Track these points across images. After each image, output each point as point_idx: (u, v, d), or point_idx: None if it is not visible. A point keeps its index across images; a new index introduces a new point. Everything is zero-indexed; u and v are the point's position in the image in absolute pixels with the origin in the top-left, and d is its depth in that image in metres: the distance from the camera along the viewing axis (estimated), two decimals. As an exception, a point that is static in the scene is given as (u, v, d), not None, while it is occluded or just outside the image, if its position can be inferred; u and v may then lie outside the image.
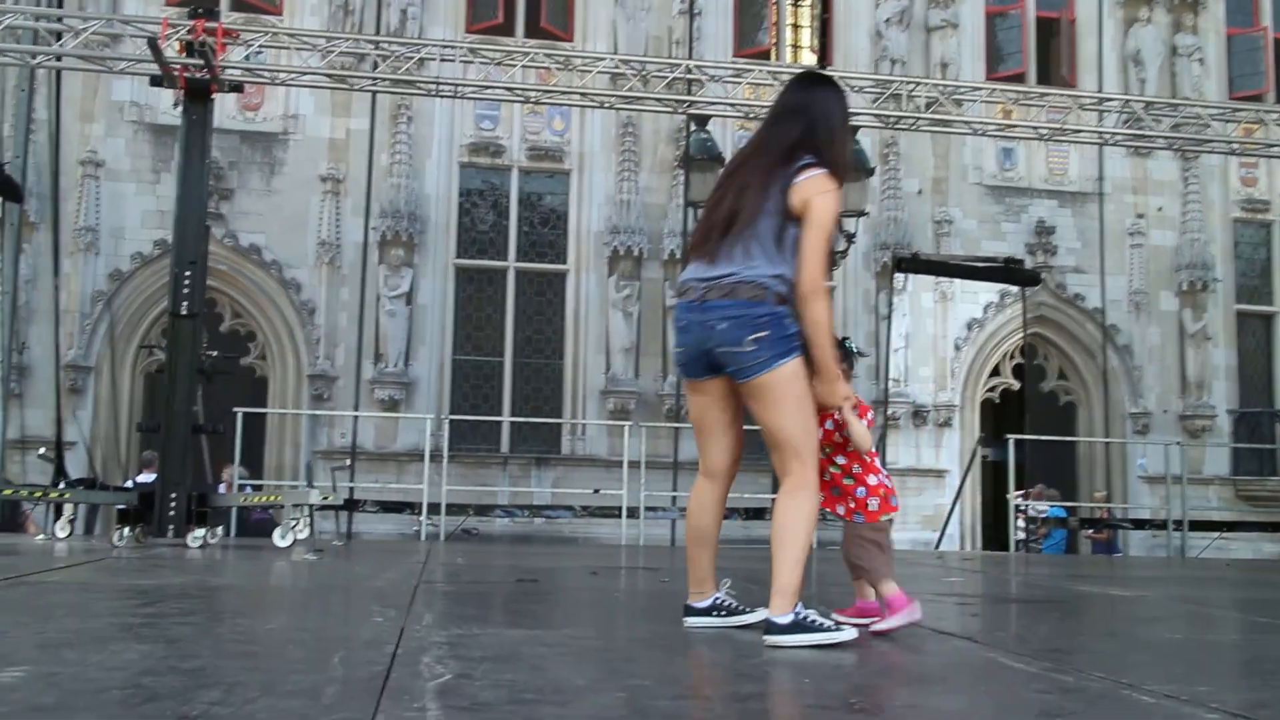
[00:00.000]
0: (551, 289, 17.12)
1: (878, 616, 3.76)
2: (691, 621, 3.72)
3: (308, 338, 16.18)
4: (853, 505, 3.85)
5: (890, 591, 3.73)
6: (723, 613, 3.70)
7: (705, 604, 3.73)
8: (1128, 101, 11.81)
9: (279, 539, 8.15)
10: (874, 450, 3.92)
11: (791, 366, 3.43)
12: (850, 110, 3.91)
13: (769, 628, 3.36)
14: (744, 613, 3.71)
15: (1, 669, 2.66)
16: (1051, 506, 14.03)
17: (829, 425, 3.79)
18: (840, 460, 3.84)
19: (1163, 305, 18.31)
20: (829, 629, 3.39)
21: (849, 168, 3.89)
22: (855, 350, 4.18)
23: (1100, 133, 11.77)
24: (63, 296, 13.55)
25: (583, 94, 11.03)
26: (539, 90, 11.63)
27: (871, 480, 3.86)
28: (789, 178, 3.47)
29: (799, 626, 3.33)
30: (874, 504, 3.84)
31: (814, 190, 3.44)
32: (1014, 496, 12.49)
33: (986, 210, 18.06)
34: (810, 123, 3.57)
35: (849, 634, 3.40)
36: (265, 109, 16.40)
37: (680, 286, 3.61)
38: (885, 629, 3.68)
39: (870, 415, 3.91)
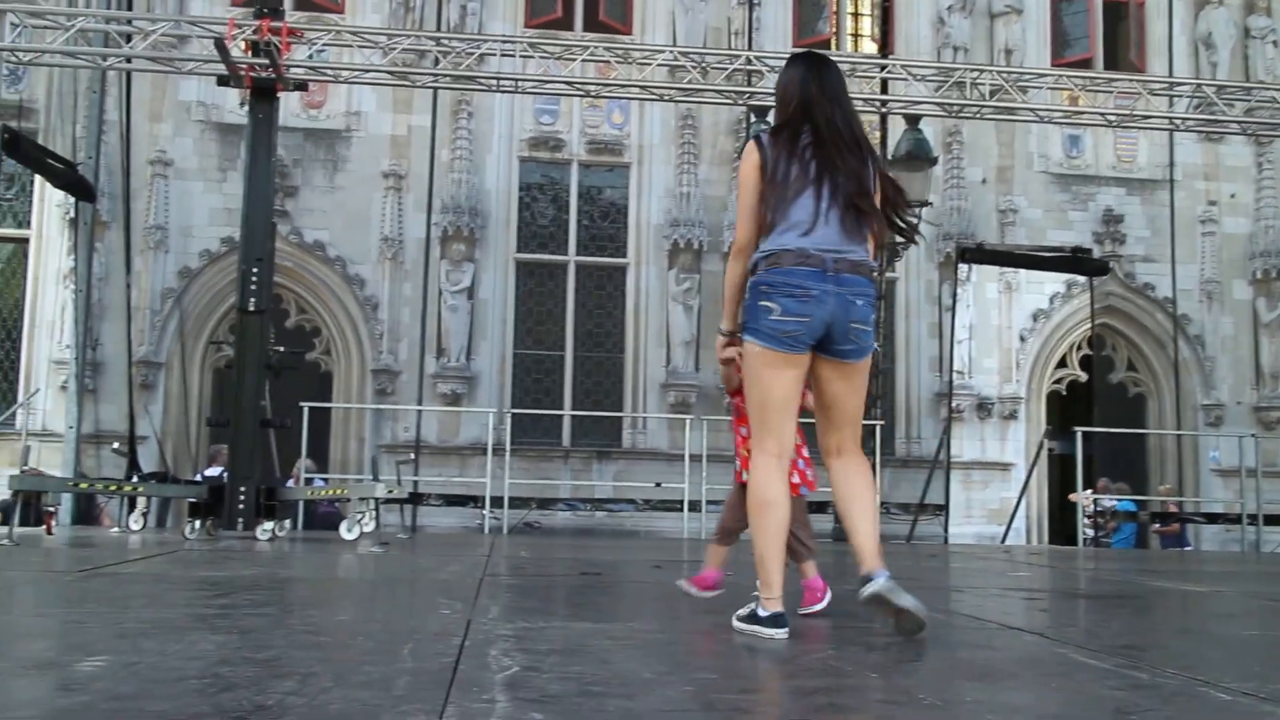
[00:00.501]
0: (611, 283, 17.15)
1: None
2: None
3: (371, 333, 16.37)
4: (796, 480, 3.97)
5: (812, 574, 4.06)
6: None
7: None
8: (1199, 86, 11.54)
9: (346, 532, 8.27)
10: None
11: None
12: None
13: (872, 575, 3.38)
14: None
15: (83, 658, 2.72)
16: (1120, 500, 13.79)
17: None
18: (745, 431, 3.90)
19: (1236, 294, 17.90)
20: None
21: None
22: None
23: (1171, 118, 11.52)
24: (134, 294, 13.83)
25: (642, 87, 11.02)
26: (598, 84, 11.64)
27: (805, 452, 4.07)
28: (874, 169, 3.54)
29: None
30: (811, 474, 4.10)
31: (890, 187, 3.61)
32: (1080, 496, 12.29)
33: (1053, 199, 17.77)
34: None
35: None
36: (328, 106, 16.60)
37: (800, 254, 3.39)
38: (816, 610, 3.93)
39: None
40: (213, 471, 10.60)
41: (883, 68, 11.42)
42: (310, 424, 11.12)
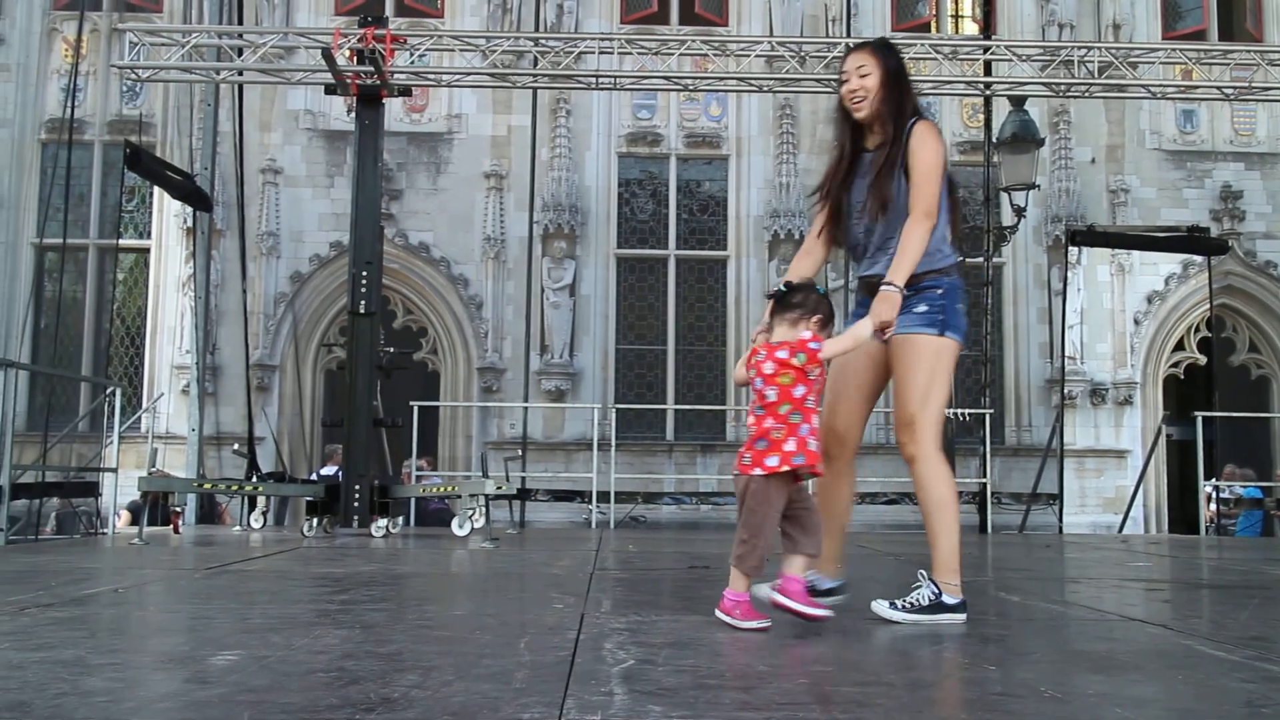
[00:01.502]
0: (712, 276, 17.14)
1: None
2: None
3: (476, 331, 16.62)
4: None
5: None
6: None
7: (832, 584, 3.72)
8: (1321, 54, 11.06)
9: (457, 528, 8.42)
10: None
11: None
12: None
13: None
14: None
15: (216, 652, 2.84)
16: (1246, 487, 13.33)
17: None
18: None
19: (1362, 270, 17.16)
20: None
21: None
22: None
23: (1291, 89, 11.07)
24: (249, 299, 14.25)
25: (740, 79, 10.98)
26: (695, 77, 11.63)
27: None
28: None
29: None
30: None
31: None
32: (1207, 486, 11.90)
33: (1166, 176, 17.22)
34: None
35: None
36: (430, 110, 16.89)
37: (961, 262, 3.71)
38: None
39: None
40: (328, 471, 10.88)
41: (986, 49, 11.19)
42: (419, 422, 11.33)
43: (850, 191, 3.74)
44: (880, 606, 3.54)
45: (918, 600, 3.54)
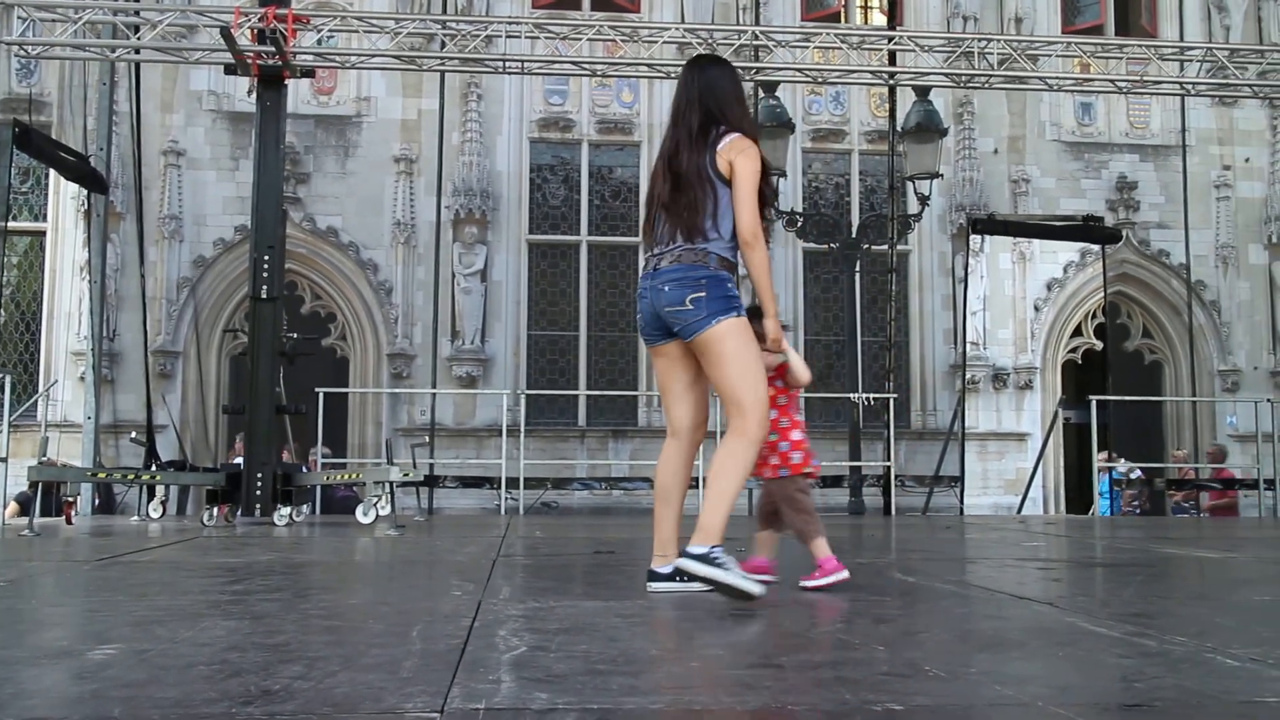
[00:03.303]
0: (624, 262, 17.14)
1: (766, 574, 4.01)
2: (654, 587, 3.83)
3: (386, 317, 16.43)
4: (776, 461, 4.06)
5: (823, 552, 3.99)
6: (685, 578, 3.69)
7: (667, 569, 3.82)
8: (1211, 50, 11.41)
9: (362, 516, 8.31)
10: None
11: (729, 323, 3.72)
12: (742, 78, 4.33)
13: (680, 553, 3.66)
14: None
15: (96, 646, 2.76)
16: (1134, 469, 13.72)
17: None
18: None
19: (1251, 259, 17.80)
20: (737, 574, 3.56)
21: (755, 128, 4.17)
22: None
23: (1182, 83, 11.40)
24: (149, 284, 13.91)
25: (650, 65, 10.97)
26: (605, 63, 11.60)
27: (795, 435, 4.10)
28: (711, 149, 3.79)
29: (708, 561, 3.56)
30: (797, 457, 4.08)
31: (734, 151, 3.77)
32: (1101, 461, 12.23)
33: (1065, 167, 17.67)
34: (708, 102, 3.88)
35: (755, 588, 3.54)
36: (338, 92, 16.62)
37: (645, 264, 3.95)
38: (815, 586, 3.92)
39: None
40: (239, 461, 10.68)
41: (890, 39, 11.34)
42: (326, 409, 11.17)
43: None
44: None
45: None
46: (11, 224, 15.47)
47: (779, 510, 4.12)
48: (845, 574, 3.97)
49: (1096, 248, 15.93)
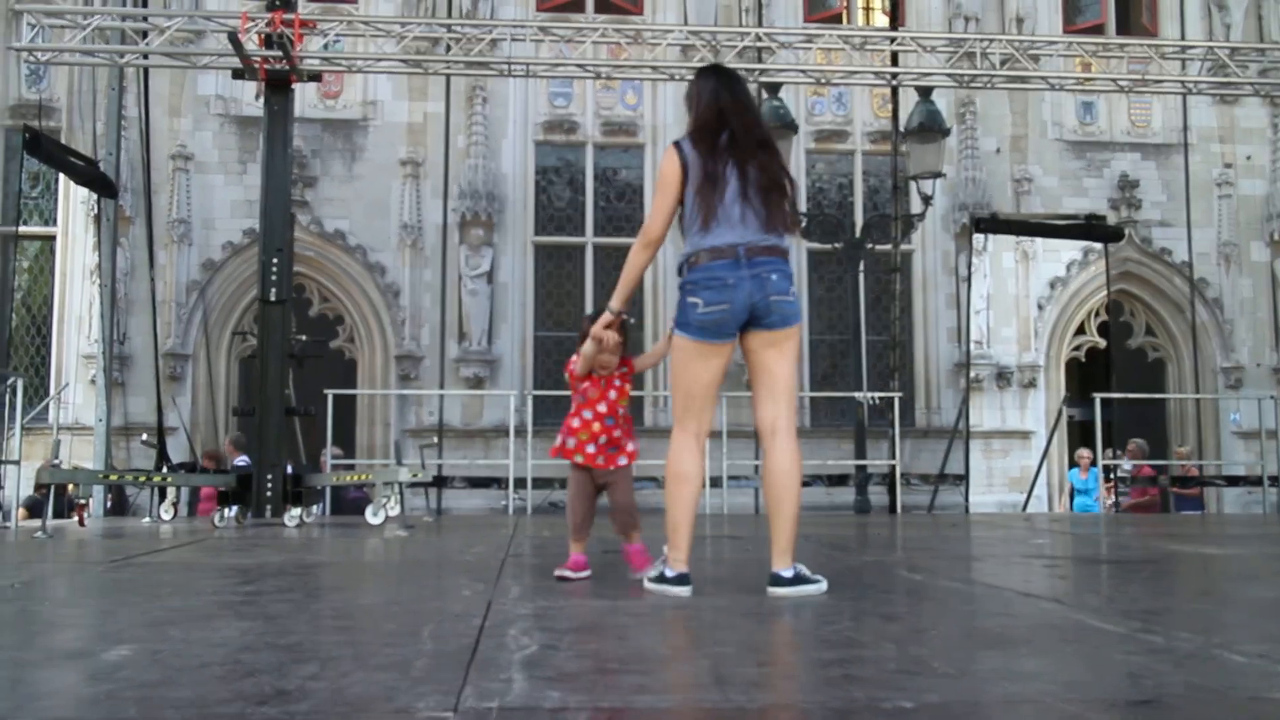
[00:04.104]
0: (629, 262, 17.13)
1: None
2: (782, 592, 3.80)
3: (393, 319, 16.47)
4: (632, 449, 4.35)
5: (638, 543, 4.28)
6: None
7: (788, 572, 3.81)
8: (1212, 48, 11.41)
9: (371, 516, 8.35)
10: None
11: None
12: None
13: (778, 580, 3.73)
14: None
15: (111, 647, 2.79)
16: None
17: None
18: (621, 411, 4.28)
19: (1254, 256, 17.80)
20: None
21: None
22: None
23: (1183, 82, 11.41)
24: (159, 287, 13.95)
25: (654, 67, 11.01)
26: (610, 65, 11.63)
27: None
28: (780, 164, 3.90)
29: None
30: (632, 445, 4.35)
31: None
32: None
33: (1067, 166, 17.67)
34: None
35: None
36: (345, 96, 16.66)
37: (714, 250, 3.77)
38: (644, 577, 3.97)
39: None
40: (241, 461, 10.72)
41: (892, 40, 11.36)
42: (335, 411, 11.21)
43: None
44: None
45: (657, 570, 3.91)
46: (22, 229, 15.57)
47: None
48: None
49: (1099, 246, 15.94)
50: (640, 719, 2.06)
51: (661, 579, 3.81)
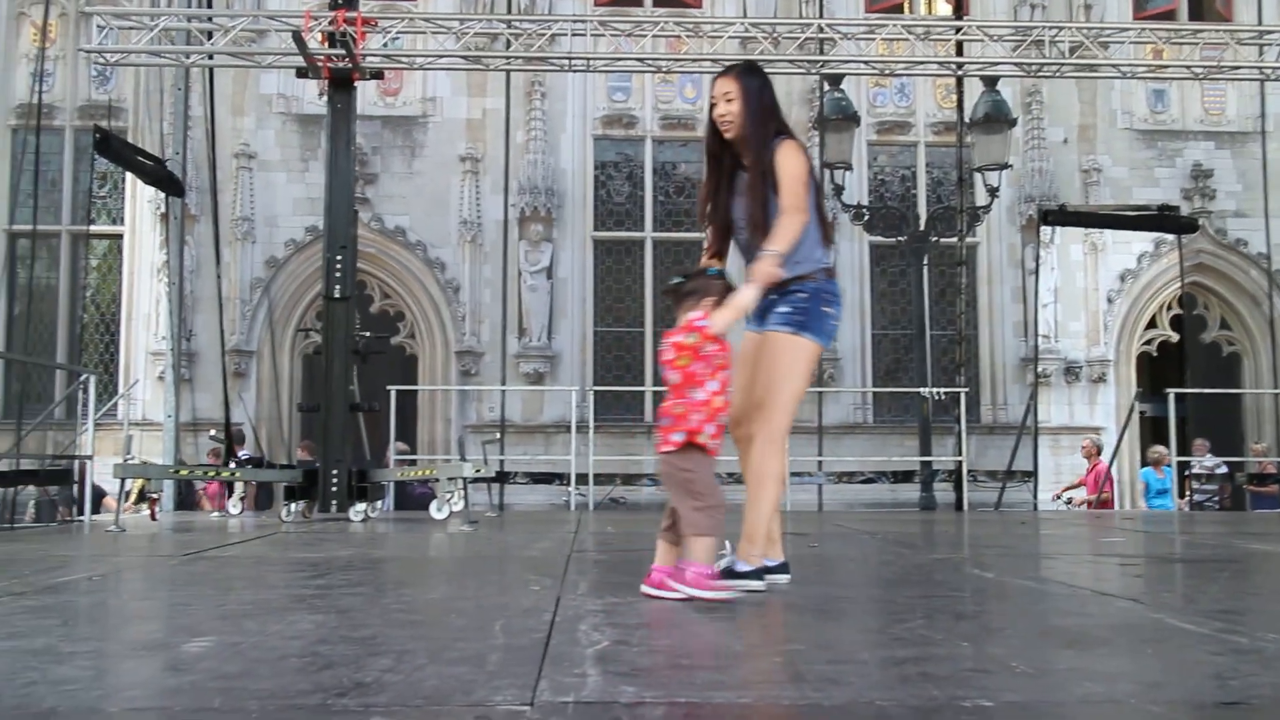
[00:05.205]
0: (689, 257, 17.10)
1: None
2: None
3: (454, 315, 16.59)
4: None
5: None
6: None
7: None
8: (1290, 33, 11.13)
9: (435, 511, 8.42)
10: None
11: None
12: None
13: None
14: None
15: (190, 639, 2.83)
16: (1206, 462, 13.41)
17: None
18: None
19: (1334, 246, 17.32)
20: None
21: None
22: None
23: (1260, 68, 11.12)
24: (224, 284, 14.16)
25: (713, 60, 10.94)
26: (669, 59, 11.61)
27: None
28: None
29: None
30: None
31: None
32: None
33: (1138, 156, 17.33)
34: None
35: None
36: (404, 93, 16.80)
37: (831, 269, 3.88)
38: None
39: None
40: (244, 455, 10.87)
41: (958, 30, 11.20)
42: (398, 407, 11.31)
43: (734, 208, 3.93)
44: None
45: (723, 566, 3.69)
46: (91, 228, 15.90)
47: None
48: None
49: (1171, 238, 15.61)
50: (718, 714, 2.04)
51: (733, 574, 3.67)
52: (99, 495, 10.22)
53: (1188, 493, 13.11)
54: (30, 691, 2.16)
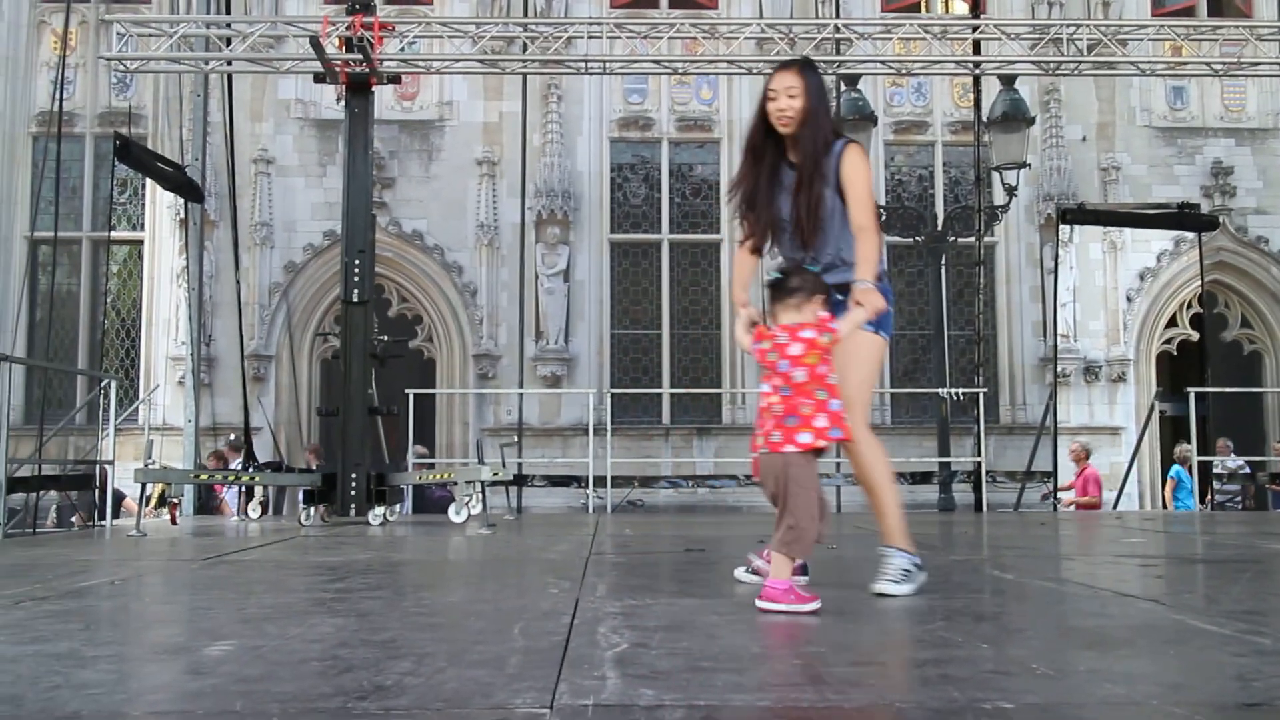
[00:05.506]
0: (706, 259, 17.13)
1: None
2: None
3: (471, 318, 16.63)
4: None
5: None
6: None
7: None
8: (1311, 29, 11.05)
9: (454, 515, 8.43)
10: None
11: None
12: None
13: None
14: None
15: (211, 642, 2.85)
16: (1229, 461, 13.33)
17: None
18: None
19: (1356, 244, 17.21)
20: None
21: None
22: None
23: (1281, 64, 11.06)
24: (243, 289, 14.23)
25: (730, 61, 10.96)
26: (686, 60, 11.61)
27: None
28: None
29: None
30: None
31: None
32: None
33: (1157, 153, 17.24)
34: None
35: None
36: (421, 97, 16.85)
37: (884, 270, 3.94)
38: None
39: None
40: (237, 464, 10.90)
41: (975, 28, 11.17)
42: (416, 410, 11.34)
43: (776, 204, 3.92)
44: (886, 585, 3.66)
45: (901, 569, 3.72)
46: (112, 234, 16.01)
47: None
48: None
49: (1191, 236, 15.53)
50: (737, 717, 2.04)
51: (918, 568, 3.77)
52: (119, 499, 10.29)
53: (1209, 494, 13.02)
54: (54, 695, 2.17)
